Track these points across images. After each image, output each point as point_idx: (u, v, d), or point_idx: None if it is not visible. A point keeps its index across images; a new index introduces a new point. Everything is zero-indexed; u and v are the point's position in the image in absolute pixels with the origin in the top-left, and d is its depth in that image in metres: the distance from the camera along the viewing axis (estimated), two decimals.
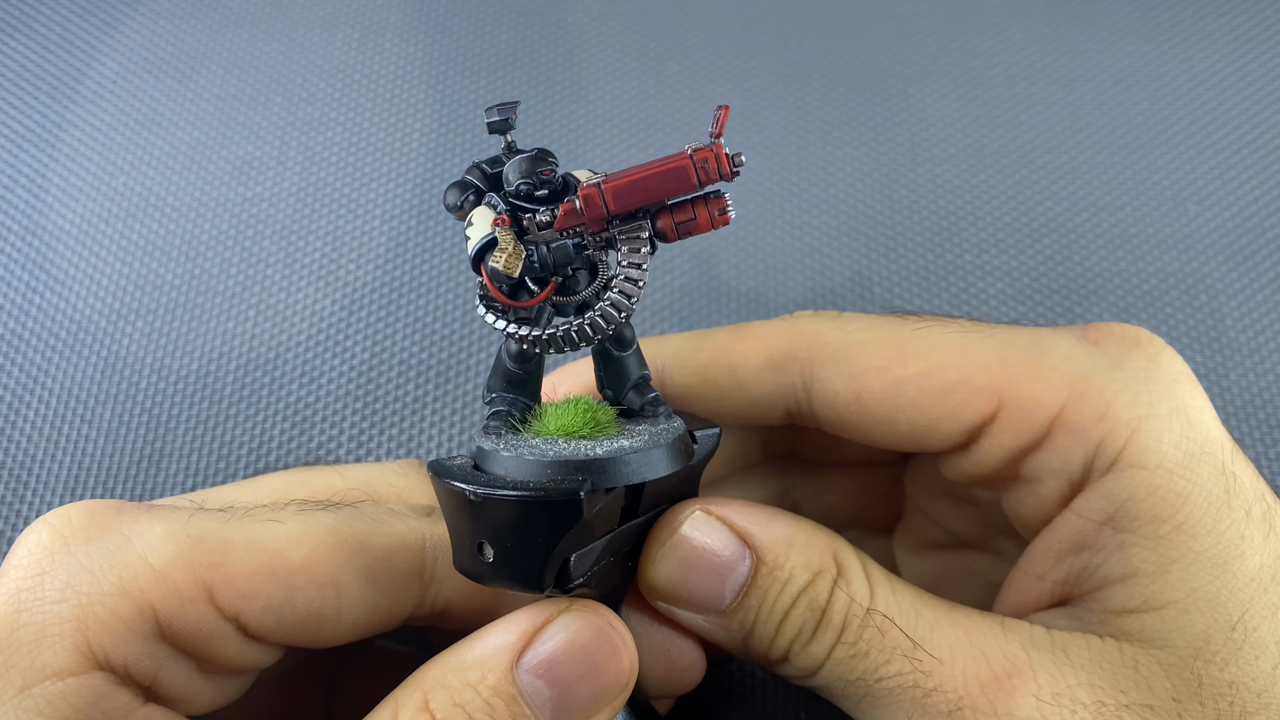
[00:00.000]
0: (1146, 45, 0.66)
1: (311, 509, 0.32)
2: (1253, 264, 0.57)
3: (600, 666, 0.28)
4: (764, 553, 0.31)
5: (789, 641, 0.31)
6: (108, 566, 0.29)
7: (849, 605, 0.31)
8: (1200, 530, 0.31)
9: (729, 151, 0.28)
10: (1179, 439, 0.32)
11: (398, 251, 0.58)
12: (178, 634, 0.29)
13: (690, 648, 0.34)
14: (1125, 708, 0.29)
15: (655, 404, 0.32)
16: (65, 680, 0.27)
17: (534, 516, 0.27)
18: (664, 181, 0.28)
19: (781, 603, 0.31)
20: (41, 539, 0.29)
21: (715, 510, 0.31)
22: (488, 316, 0.30)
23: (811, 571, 0.31)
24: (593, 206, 0.29)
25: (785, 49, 0.66)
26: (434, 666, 0.28)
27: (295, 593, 0.30)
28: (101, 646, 0.28)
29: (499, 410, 0.32)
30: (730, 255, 0.57)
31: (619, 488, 0.28)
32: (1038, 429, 0.33)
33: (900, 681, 0.30)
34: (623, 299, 0.29)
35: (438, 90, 0.64)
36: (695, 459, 0.31)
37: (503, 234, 0.29)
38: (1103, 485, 0.32)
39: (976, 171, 0.61)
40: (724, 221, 0.29)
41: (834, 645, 0.30)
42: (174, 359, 0.54)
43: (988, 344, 0.34)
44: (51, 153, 0.61)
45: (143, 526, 0.30)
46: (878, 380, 0.35)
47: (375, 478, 0.36)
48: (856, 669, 0.30)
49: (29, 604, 0.28)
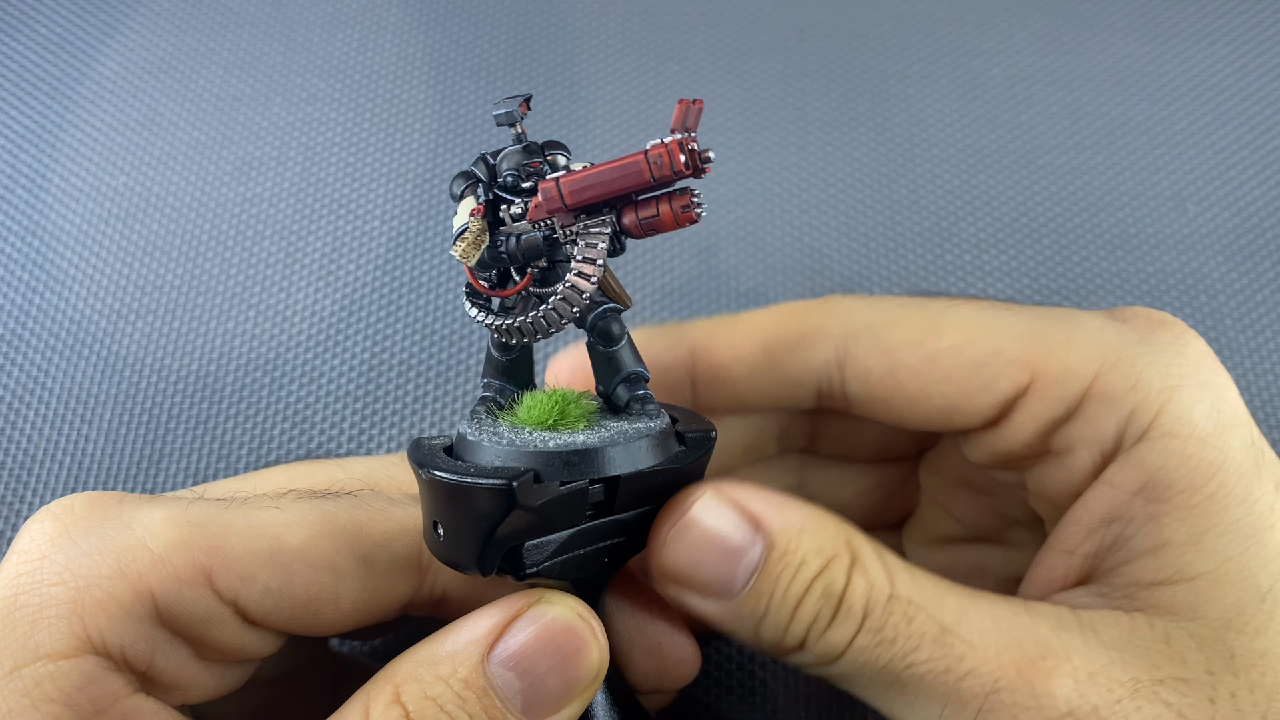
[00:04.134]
0: (1146, 45, 0.66)
1: (310, 497, 0.32)
2: (1252, 264, 0.57)
3: (570, 658, 0.28)
4: (775, 537, 0.30)
5: (804, 628, 0.30)
6: (106, 550, 0.29)
7: (869, 591, 0.30)
8: (1232, 500, 0.30)
9: (698, 148, 0.27)
10: (1210, 410, 0.32)
11: (398, 252, 0.58)
12: (176, 617, 0.29)
13: (683, 642, 0.34)
14: (1159, 683, 0.29)
15: (643, 401, 0.31)
16: (57, 662, 0.27)
17: (469, 501, 0.27)
18: (618, 176, 0.28)
19: (795, 588, 0.30)
20: (44, 527, 0.30)
21: (726, 492, 0.31)
22: (470, 309, 0.31)
23: (825, 557, 0.30)
24: (550, 200, 0.29)
25: (785, 49, 0.66)
26: (405, 660, 0.28)
27: (293, 576, 0.30)
28: (98, 629, 0.28)
29: (485, 396, 0.32)
30: (730, 255, 0.57)
31: (581, 481, 0.28)
32: (1071, 399, 0.33)
33: (931, 667, 0.29)
34: (574, 293, 0.29)
35: (438, 90, 0.64)
36: (683, 461, 0.30)
37: (474, 223, 0.29)
38: (1135, 454, 0.32)
39: (976, 171, 0.61)
40: (688, 219, 0.28)
41: (856, 632, 0.30)
42: (174, 359, 0.54)
43: (1019, 319, 0.35)
44: (51, 153, 0.61)
45: (143, 514, 0.30)
46: (912, 355, 0.35)
47: (376, 470, 0.37)
48: (883, 656, 0.30)
49: (27, 587, 0.28)
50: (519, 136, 0.31)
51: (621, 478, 0.29)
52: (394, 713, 0.27)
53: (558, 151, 0.31)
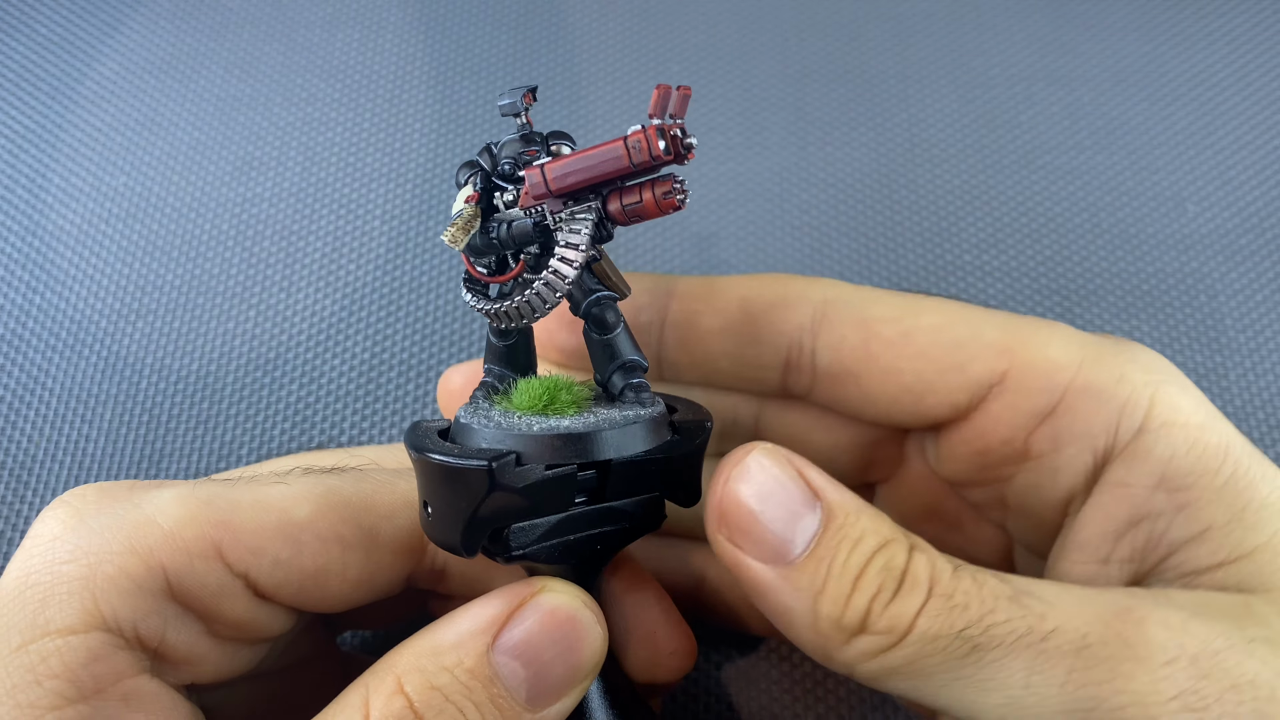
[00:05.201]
0: (1146, 45, 0.66)
1: (316, 472, 0.33)
2: (1252, 264, 0.57)
3: (574, 646, 0.28)
4: (835, 508, 0.29)
5: (868, 600, 0.28)
6: (117, 528, 0.29)
7: (934, 564, 0.29)
8: (1255, 478, 0.30)
9: (681, 134, 0.27)
10: (1197, 400, 0.32)
11: (398, 252, 0.58)
12: (187, 591, 0.30)
13: (678, 633, 0.34)
14: (1251, 641, 0.28)
15: (637, 390, 0.31)
16: (65, 638, 0.27)
17: (450, 482, 0.28)
18: (599, 162, 0.28)
19: (855, 559, 0.29)
20: (57, 513, 0.30)
21: (785, 455, 0.30)
22: (467, 296, 0.32)
23: (883, 537, 0.29)
24: (535, 186, 0.29)
25: (785, 49, 0.66)
26: (406, 650, 0.28)
27: (302, 548, 0.31)
28: (110, 604, 0.28)
29: (486, 381, 0.33)
30: (730, 255, 0.57)
31: (569, 466, 0.28)
32: (1053, 390, 0.33)
33: (1013, 628, 0.28)
34: (555, 278, 0.29)
35: (438, 90, 0.64)
36: (676, 449, 0.30)
37: (467, 209, 0.30)
38: (1139, 448, 0.31)
39: (976, 171, 0.61)
40: (670, 205, 0.28)
41: (925, 600, 0.28)
42: (174, 359, 0.54)
43: (997, 314, 0.35)
44: (52, 153, 0.61)
45: (152, 494, 0.30)
46: (888, 329, 0.35)
47: (384, 456, 0.37)
48: (957, 622, 0.28)
49: (39, 566, 0.29)
50: (524, 127, 0.31)
51: (613, 463, 0.29)
52: (397, 703, 0.27)
53: (563, 142, 0.31)
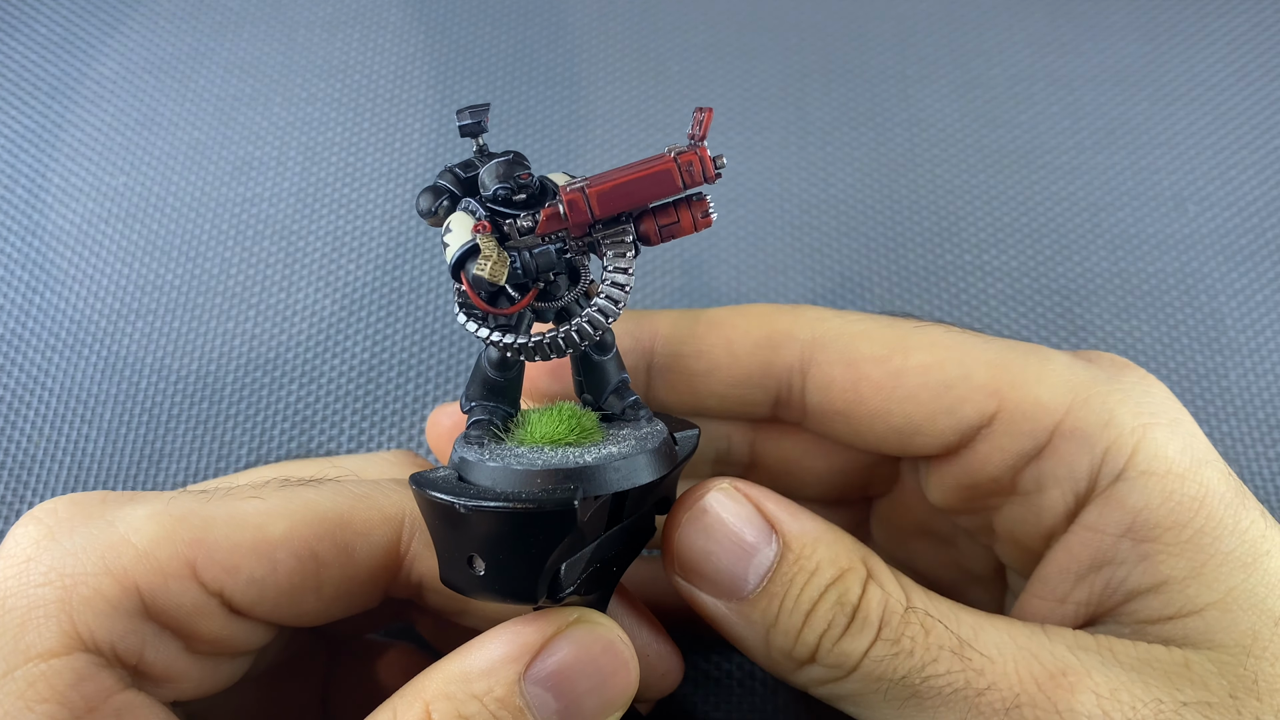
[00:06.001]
0: (1146, 46, 0.66)
1: (292, 485, 0.32)
2: (1252, 264, 0.57)
3: (609, 680, 0.28)
4: (791, 540, 0.30)
5: (817, 636, 0.29)
6: (91, 548, 0.29)
7: (885, 602, 0.29)
8: (1223, 531, 0.30)
9: (711, 154, 0.28)
10: (1184, 446, 0.32)
11: (398, 252, 0.58)
12: (163, 610, 0.29)
13: (668, 653, 0.34)
14: (1184, 705, 0.28)
15: (636, 407, 0.31)
16: (49, 662, 0.27)
17: (527, 528, 0.26)
18: (649, 186, 0.28)
19: (808, 594, 0.29)
20: (28, 531, 0.30)
21: (743, 489, 0.30)
22: (469, 324, 0.29)
23: (839, 568, 0.30)
24: (577, 211, 0.28)
25: (785, 49, 0.66)
26: (435, 675, 0.28)
27: (277, 566, 0.30)
28: (87, 626, 0.28)
29: (480, 419, 0.31)
30: (730, 255, 0.57)
31: (607, 494, 0.27)
32: (1040, 433, 0.33)
33: (950, 681, 0.29)
34: (610, 304, 0.29)
35: (438, 90, 0.64)
36: (682, 462, 0.30)
37: (485, 241, 0.28)
38: (1114, 495, 0.31)
39: (976, 171, 0.60)
40: (706, 224, 0.29)
41: (872, 642, 0.29)
42: (174, 359, 0.54)
43: (988, 348, 0.34)
44: (51, 153, 0.61)
45: (125, 511, 0.30)
46: (877, 369, 0.34)
47: (367, 467, 0.37)
48: (900, 668, 0.29)
49: (14, 590, 0.28)
50: (481, 147, 0.30)
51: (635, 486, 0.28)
52: None
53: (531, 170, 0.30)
